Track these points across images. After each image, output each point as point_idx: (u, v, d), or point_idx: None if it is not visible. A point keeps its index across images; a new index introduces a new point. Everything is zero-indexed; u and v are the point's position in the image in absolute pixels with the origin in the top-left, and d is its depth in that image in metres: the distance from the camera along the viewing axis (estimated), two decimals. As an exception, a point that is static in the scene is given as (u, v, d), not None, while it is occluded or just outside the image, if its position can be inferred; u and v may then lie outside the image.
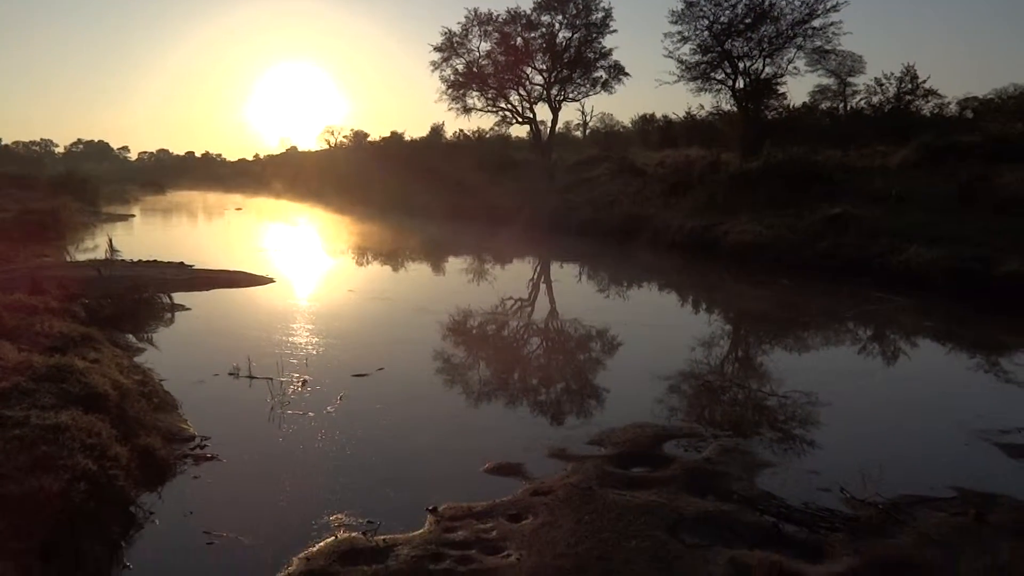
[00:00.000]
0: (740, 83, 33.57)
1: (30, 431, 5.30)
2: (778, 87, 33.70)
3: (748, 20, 32.27)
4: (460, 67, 43.05)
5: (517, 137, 52.67)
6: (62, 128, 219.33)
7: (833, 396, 8.30)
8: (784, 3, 31.82)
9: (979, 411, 7.84)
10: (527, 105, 43.28)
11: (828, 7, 31.21)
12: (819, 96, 39.86)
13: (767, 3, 31.91)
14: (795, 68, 33.44)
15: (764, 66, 33.06)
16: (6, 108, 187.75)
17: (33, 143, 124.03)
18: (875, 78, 36.98)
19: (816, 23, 31.73)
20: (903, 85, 35.58)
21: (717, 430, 7.19)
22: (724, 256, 19.78)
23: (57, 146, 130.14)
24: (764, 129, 31.19)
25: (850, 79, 38.30)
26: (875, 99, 36.67)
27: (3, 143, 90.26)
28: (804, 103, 38.25)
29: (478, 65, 42.89)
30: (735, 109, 34.39)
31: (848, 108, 38.56)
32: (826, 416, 7.66)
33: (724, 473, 5.95)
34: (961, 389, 9.21)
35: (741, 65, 33.27)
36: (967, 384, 9.47)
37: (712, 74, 34.16)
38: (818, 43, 32.32)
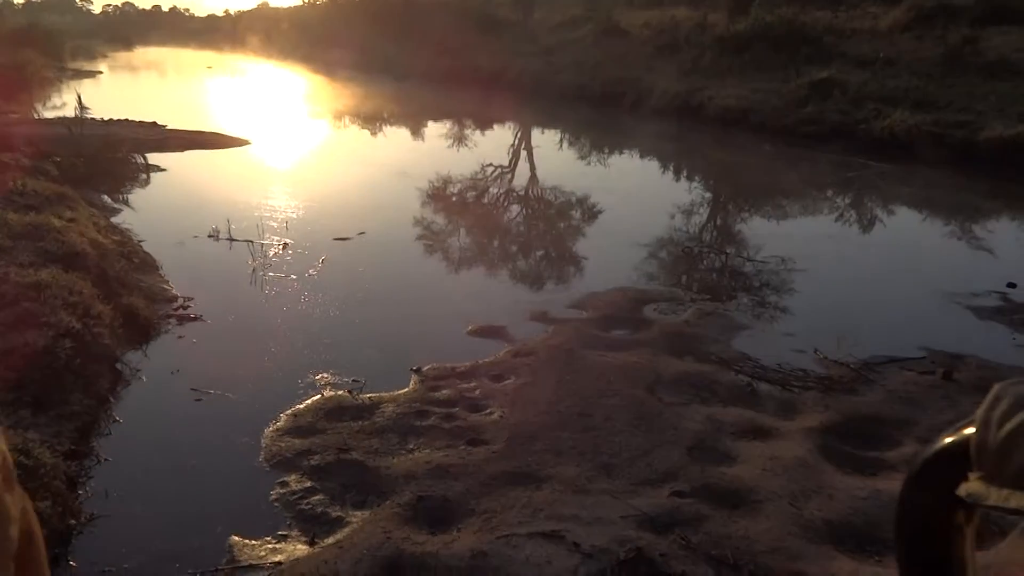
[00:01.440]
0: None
1: (11, 288, 5.27)
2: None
3: None
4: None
5: (499, -5, 50.56)
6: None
7: (809, 262, 8.40)
8: None
9: (953, 275, 8.03)
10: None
11: None
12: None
13: None
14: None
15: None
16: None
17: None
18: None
19: None
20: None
21: (696, 295, 7.31)
22: (709, 121, 19.51)
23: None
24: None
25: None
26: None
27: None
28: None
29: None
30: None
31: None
32: (802, 282, 7.78)
33: (702, 336, 6.09)
34: (936, 254, 9.39)
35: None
36: (942, 249, 9.64)
37: (702, -73, 32.65)
38: None
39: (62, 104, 21.98)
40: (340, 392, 5.05)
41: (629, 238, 9.35)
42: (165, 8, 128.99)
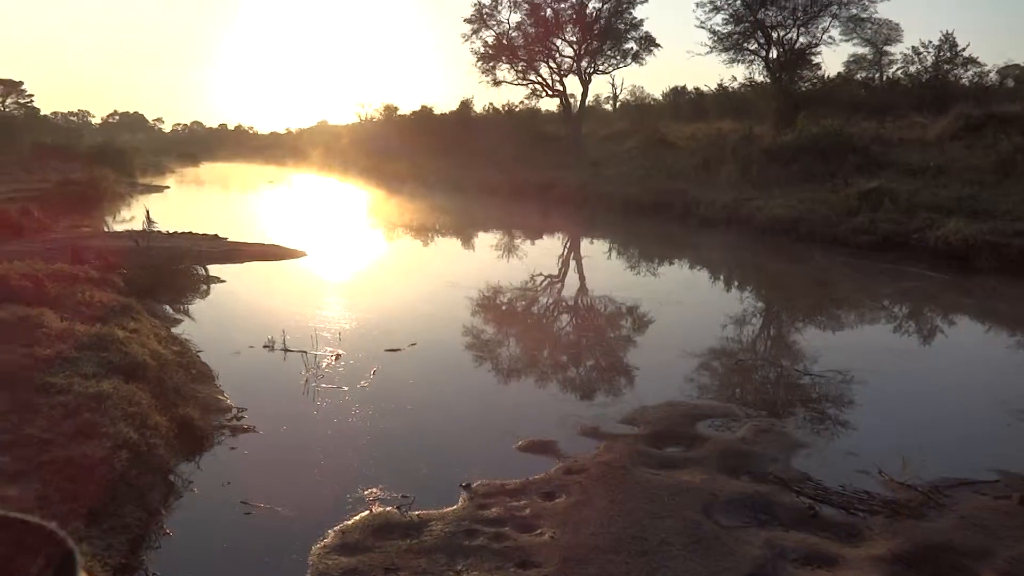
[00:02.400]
0: (773, 53, 33.06)
1: (74, 399, 5.40)
2: (812, 57, 33.15)
3: (781, -13, 31.69)
4: (490, 39, 42.84)
5: (547, 110, 52.27)
6: (99, 99, 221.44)
7: (869, 375, 8.19)
8: (819, -29, 31.18)
9: (1022, 391, 7.72)
10: (557, 78, 42.98)
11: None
12: (854, 66, 39.18)
13: (801, -30, 31.28)
14: (830, 37, 32.94)
15: (798, 36, 32.54)
16: (45, 78, 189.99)
17: (71, 114, 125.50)
18: (912, 47, 36.29)
19: (852, -12, 31.08)
20: (941, 54, 34.77)
21: (751, 409, 7.13)
22: (758, 231, 19.54)
23: (94, 117, 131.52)
24: (798, 101, 30.70)
25: (886, 48, 37.59)
26: (912, 68, 35.95)
27: (42, 113, 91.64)
28: (839, 73, 37.52)
29: (508, 37, 42.63)
30: (768, 80, 33.88)
31: (884, 78, 37.81)
32: (862, 396, 7.56)
33: (759, 454, 5.91)
34: (1003, 368, 9.06)
35: (775, 35, 32.75)
36: (1009, 362, 9.32)
37: (745, 44, 33.70)
38: (853, 11, 31.79)
39: (131, 217, 23.06)
40: (388, 508, 4.99)
41: (680, 349, 9.26)
42: (231, 126, 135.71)
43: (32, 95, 79.91)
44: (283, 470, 5.72)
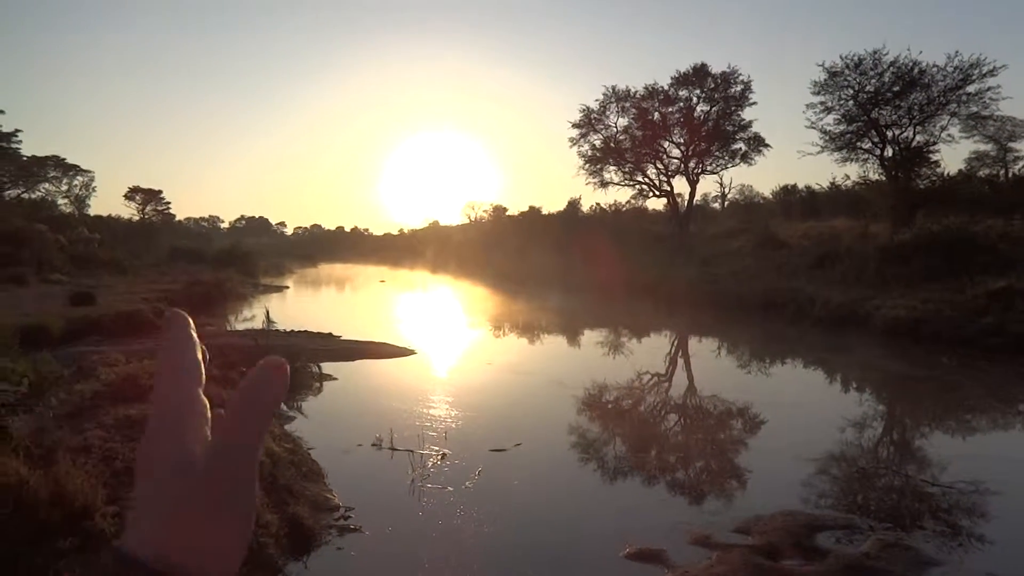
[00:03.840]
0: (889, 152, 32.29)
1: (192, 496, 5.59)
2: (931, 155, 32.10)
3: (896, 88, 31.17)
4: (598, 142, 43.82)
5: (654, 210, 52.60)
6: (228, 205, 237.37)
7: (1004, 486, 7.60)
8: (935, 69, 30.55)
9: None
10: (664, 178, 43.38)
11: (984, 72, 29.69)
12: (976, 163, 37.78)
13: (916, 70, 30.74)
14: (949, 135, 31.80)
15: (915, 134, 31.68)
16: (181, 189, 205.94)
17: (203, 219, 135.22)
18: (1040, 142, 34.76)
19: (971, 88, 30.18)
20: (1070, 149, 33.22)
21: (874, 521, 6.70)
22: (876, 332, 18.76)
23: (223, 222, 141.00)
24: (916, 198, 29.77)
25: (1011, 144, 36.15)
26: (1040, 165, 34.37)
27: (177, 219, 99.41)
28: (960, 170, 36.12)
29: (615, 140, 43.48)
30: (884, 178, 33.04)
31: (1010, 175, 36.26)
32: (997, 508, 7.00)
33: (885, 571, 5.52)
34: None
35: (889, 134, 32.05)
36: None
37: (858, 143, 33.09)
38: (974, 109, 30.70)
39: (252, 316, 24.21)
40: (492, 615, 4.88)
41: (795, 453, 8.86)
42: (347, 228, 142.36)
43: (169, 203, 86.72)
44: (387, 573, 5.70)
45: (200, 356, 0.60)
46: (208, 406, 0.58)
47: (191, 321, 0.62)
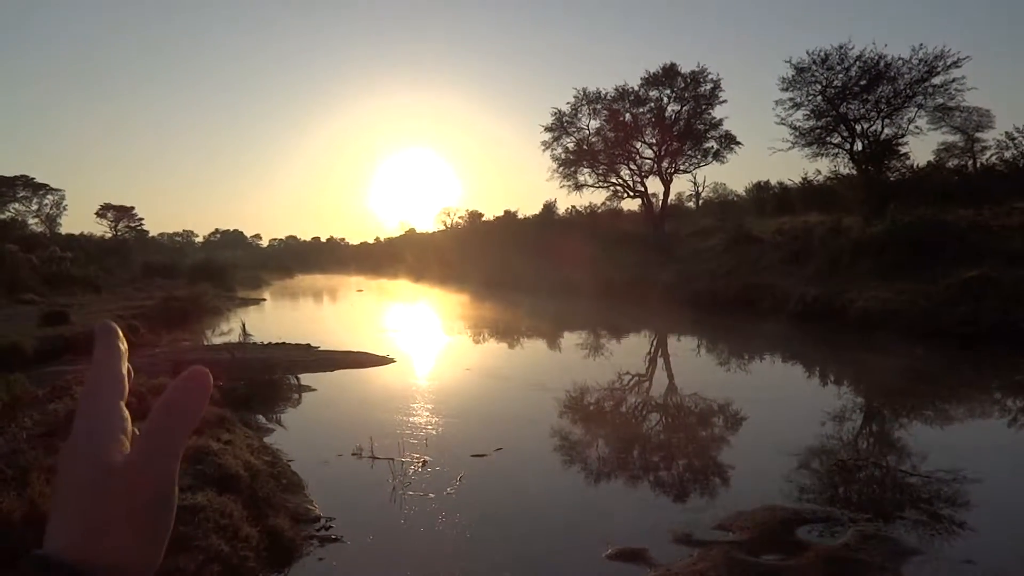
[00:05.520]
0: (858, 145, 32.66)
1: (169, 512, 5.53)
2: (899, 147, 32.51)
3: (863, 82, 31.56)
4: (571, 145, 43.92)
5: (629, 210, 52.77)
6: (202, 219, 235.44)
7: (983, 474, 7.69)
8: (901, 62, 30.97)
9: None
10: (638, 179, 43.57)
11: (948, 64, 30.15)
12: (945, 154, 38.19)
13: (882, 64, 31.15)
14: (917, 127, 32.25)
15: (883, 127, 32.08)
16: (153, 204, 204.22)
17: (176, 234, 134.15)
18: (1006, 132, 35.19)
19: (936, 80, 30.66)
20: (1039, 137, 33.70)
21: (855, 513, 6.75)
22: (850, 325, 18.94)
23: (197, 236, 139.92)
24: (887, 191, 30.10)
25: (978, 135, 36.60)
26: (1008, 154, 34.84)
27: (151, 235, 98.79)
28: (929, 162, 36.55)
29: (588, 142, 43.60)
30: (854, 172, 33.40)
31: (978, 165, 36.74)
32: (977, 496, 7.07)
33: (865, 562, 5.55)
34: None
35: (858, 127, 32.43)
36: None
37: (828, 138, 33.44)
38: (940, 101, 31.16)
39: (229, 330, 23.99)
40: (476, 622, 4.85)
41: (775, 448, 8.92)
42: (323, 239, 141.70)
43: (142, 219, 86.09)
44: (370, 581, 5.66)
45: (125, 371, 0.62)
46: (128, 419, 0.60)
47: (120, 334, 0.64)
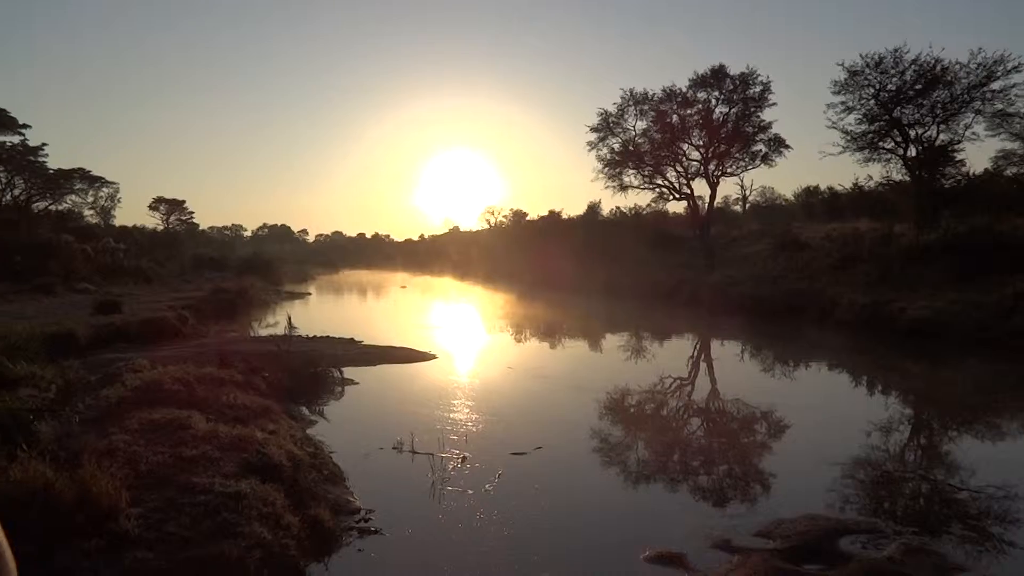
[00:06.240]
0: (912, 151, 31.88)
1: (214, 498, 5.65)
2: (955, 154, 31.62)
3: (918, 86, 30.77)
4: (616, 146, 43.61)
5: (675, 213, 52.33)
6: (251, 214, 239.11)
7: (1035, 491, 7.47)
8: (958, 67, 30.16)
9: None
10: (684, 181, 43.07)
11: (1008, 68, 29.26)
12: (1003, 162, 37.08)
13: (939, 68, 30.35)
14: (974, 134, 31.22)
15: (938, 133, 31.23)
16: (204, 198, 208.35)
17: (226, 228, 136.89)
18: (1068, 139, 34.09)
19: (995, 86, 29.72)
20: (1101, 146, 32.61)
21: (899, 526, 6.62)
22: (900, 334, 18.55)
23: (246, 230, 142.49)
24: (941, 199, 29.40)
25: (1038, 142, 35.48)
26: (1069, 163, 33.77)
27: (201, 228, 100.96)
28: (986, 169, 35.49)
29: (634, 143, 43.26)
30: (907, 179, 32.64)
31: (1038, 173, 35.65)
32: (1028, 514, 6.89)
33: None
34: None
35: (912, 133, 31.63)
36: None
37: (880, 143, 32.68)
38: (999, 106, 30.25)
39: (275, 322, 24.37)
40: (512, 618, 4.87)
41: (819, 457, 8.78)
42: (368, 235, 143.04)
43: (193, 212, 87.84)
44: (408, 575, 5.71)
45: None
46: None
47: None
